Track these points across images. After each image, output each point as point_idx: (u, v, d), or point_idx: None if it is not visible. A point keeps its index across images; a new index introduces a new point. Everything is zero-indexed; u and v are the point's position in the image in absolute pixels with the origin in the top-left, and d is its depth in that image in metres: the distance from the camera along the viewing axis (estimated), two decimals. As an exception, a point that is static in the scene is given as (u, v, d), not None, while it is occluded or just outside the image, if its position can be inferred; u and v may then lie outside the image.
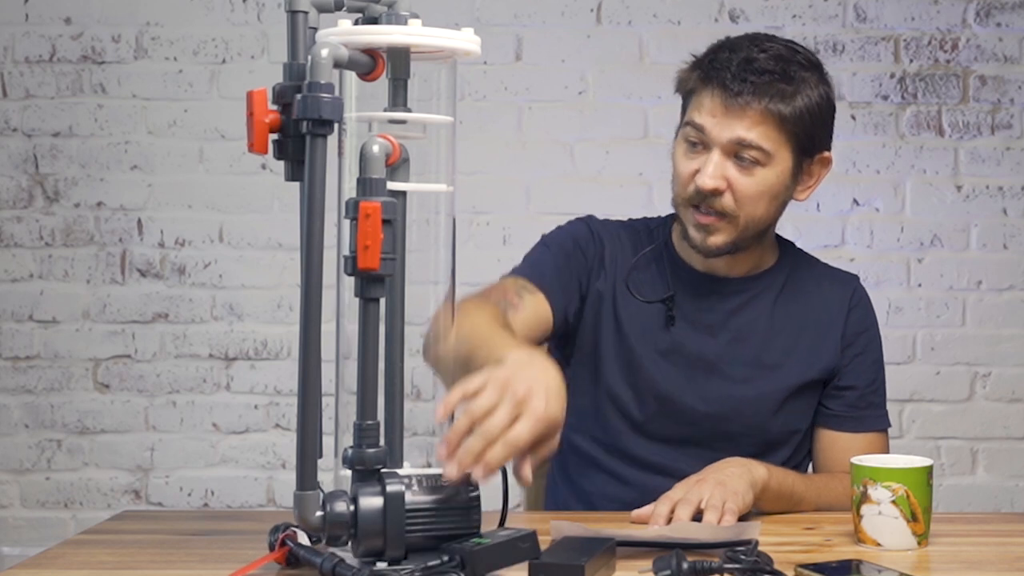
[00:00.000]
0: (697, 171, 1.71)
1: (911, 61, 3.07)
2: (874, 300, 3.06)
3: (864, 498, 1.48)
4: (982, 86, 3.07)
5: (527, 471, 1.31)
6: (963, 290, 3.08)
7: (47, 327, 3.08)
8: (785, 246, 1.91)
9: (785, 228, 2.99)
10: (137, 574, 1.38)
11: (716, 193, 1.70)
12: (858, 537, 1.50)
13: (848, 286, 1.89)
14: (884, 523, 1.47)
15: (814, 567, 1.33)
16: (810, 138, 1.74)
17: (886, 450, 1.84)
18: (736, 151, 1.70)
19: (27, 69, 3.06)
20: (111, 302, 3.08)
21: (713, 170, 1.70)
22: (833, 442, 1.84)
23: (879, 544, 1.47)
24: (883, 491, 1.47)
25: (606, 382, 1.82)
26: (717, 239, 1.74)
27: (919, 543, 1.48)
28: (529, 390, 1.30)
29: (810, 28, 3.06)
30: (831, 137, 1.79)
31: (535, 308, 1.78)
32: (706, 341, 1.81)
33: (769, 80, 1.69)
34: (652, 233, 1.88)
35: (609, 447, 1.83)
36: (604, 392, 1.82)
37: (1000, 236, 3.08)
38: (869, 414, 1.85)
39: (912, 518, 1.47)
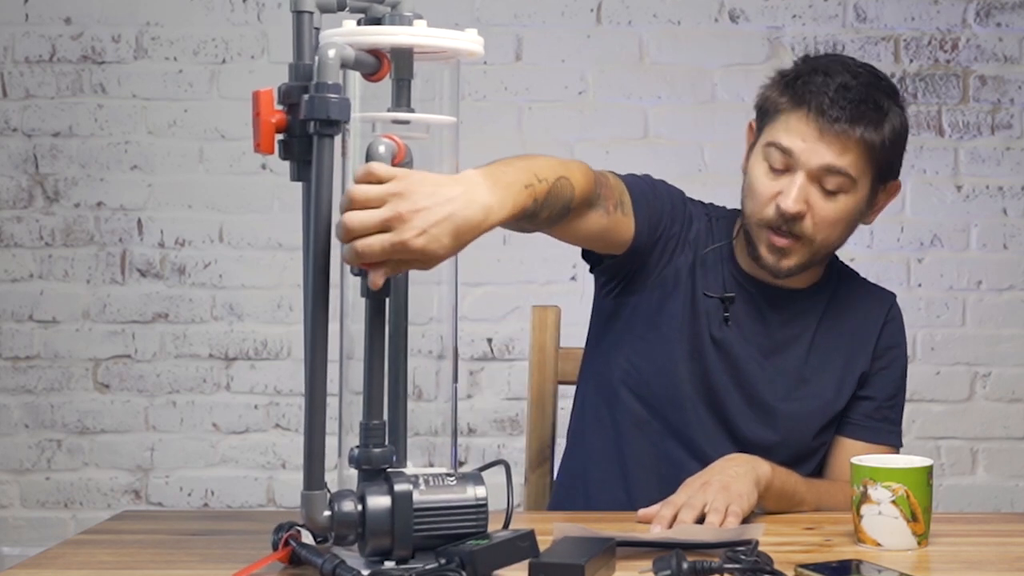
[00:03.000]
0: (778, 193, 1.71)
1: (911, 61, 3.07)
2: (874, 300, 3.07)
3: (864, 498, 1.48)
4: (982, 86, 3.07)
5: (376, 278, 1.25)
6: (963, 290, 3.08)
7: (47, 327, 3.09)
8: (831, 259, 1.90)
9: (785, 228, 3.00)
10: (137, 574, 1.38)
11: (798, 217, 1.70)
12: (858, 537, 1.50)
13: (885, 303, 1.90)
14: (884, 523, 1.47)
15: (814, 567, 1.34)
16: (889, 166, 1.75)
17: None
18: (823, 177, 1.69)
19: (27, 69, 3.06)
20: (111, 302, 3.08)
21: (797, 194, 1.69)
22: (844, 449, 1.83)
23: (879, 544, 1.48)
24: (883, 491, 1.47)
25: (669, 349, 1.80)
26: (790, 261, 1.75)
27: (919, 543, 1.48)
28: (423, 207, 1.24)
29: (810, 28, 3.06)
30: (902, 165, 1.79)
31: (615, 226, 1.73)
32: (750, 348, 1.81)
33: (864, 109, 1.68)
34: (714, 225, 1.86)
35: (654, 412, 1.82)
36: (665, 356, 1.81)
37: (1000, 236, 3.08)
38: (883, 427, 1.85)
39: (912, 518, 1.47)
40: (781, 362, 1.82)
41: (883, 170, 1.74)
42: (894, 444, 1.86)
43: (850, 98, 1.68)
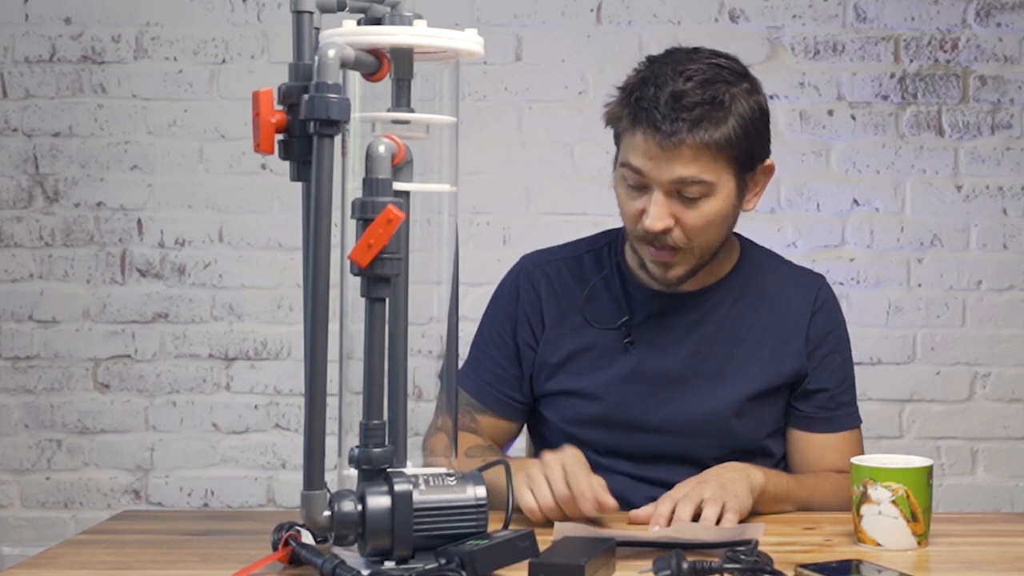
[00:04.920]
0: (643, 211, 1.69)
1: (911, 61, 3.07)
2: (874, 300, 3.08)
3: (864, 498, 1.48)
4: (982, 86, 3.07)
5: None
6: (963, 290, 3.08)
7: (47, 327, 3.08)
8: (745, 247, 1.88)
9: (785, 228, 3.01)
10: (137, 574, 1.38)
11: (665, 232, 1.69)
12: (858, 537, 1.50)
13: (811, 288, 1.86)
14: (884, 523, 1.47)
15: (814, 567, 1.34)
16: (748, 155, 1.71)
17: (860, 446, 1.85)
18: (679, 188, 1.67)
19: (27, 69, 3.06)
20: (111, 302, 3.08)
21: (658, 211, 1.67)
22: (807, 443, 1.83)
23: (879, 544, 1.48)
24: (883, 491, 1.47)
25: (573, 416, 1.83)
26: (677, 271, 1.74)
27: (919, 543, 1.48)
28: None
29: (810, 28, 3.06)
30: (769, 143, 1.76)
31: (492, 426, 1.88)
32: (667, 359, 1.80)
33: (700, 113, 1.64)
34: (599, 255, 1.88)
35: (610, 452, 1.83)
36: (572, 424, 1.83)
37: (1000, 236, 3.08)
38: (841, 413, 1.84)
39: (912, 518, 1.47)
40: (703, 363, 1.80)
41: (744, 160, 1.70)
42: (853, 426, 1.85)
43: (684, 105, 1.64)
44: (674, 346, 1.80)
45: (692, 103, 1.64)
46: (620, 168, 1.72)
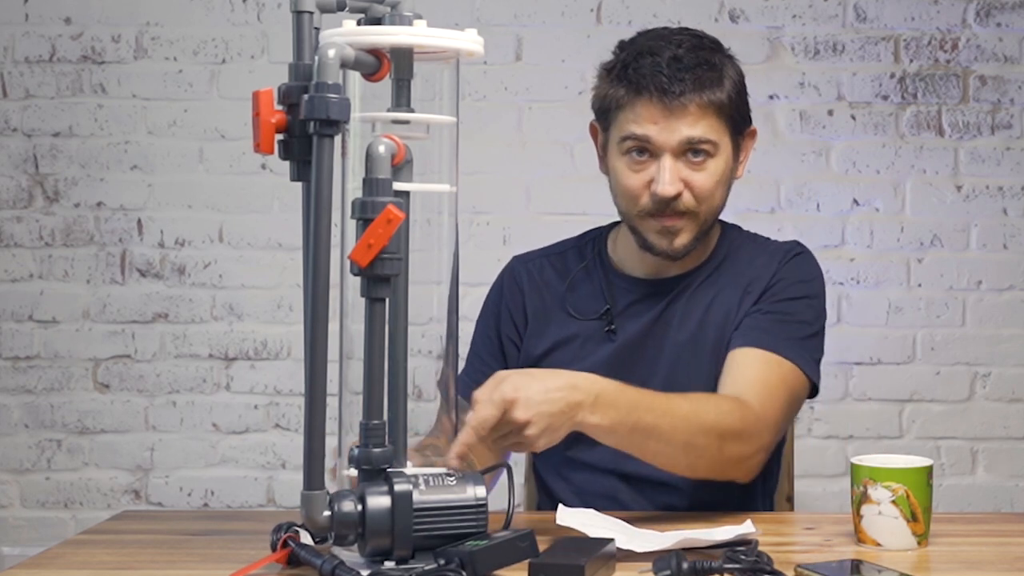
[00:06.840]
0: (649, 182, 1.73)
1: (911, 61, 3.07)
2: (874, 300, 3.08)
3: (864, 498, 1.48)
4: (982, 86, 3.07)
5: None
6: (963, 290, 3.08)
7: (47, 327, 3.08)
8: (726, 230, 1.90)
9: (785, 228, 3.01)
10: (137, 574, 1.38)
11: (676, 198, 1.72)
12: (858, 537, 1.50)
13: (779, 252, 1.85)
14: (884, 523, 1.47)
15: (814, 567, 1.34)
16: (742, 117, 1.78)
17: (780, 382, 1.71)
18: (687, 151, 1.72)
19: (27, 69, 3.06)
20: (111, 302, 3.08)
21: (669, 176, 1.71)
22: (726, 361, 1.75)
23: (879, 544, 1.48)
24: (883, 491, 1.47)
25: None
26: (682, 239, 1.76)
27: (919, 543, 1.48)
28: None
29: (810, 28, 3.06)
30: (750, 110, 1.82)
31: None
32: (647, 345, 1.81)
33: (700, 73, 1.71)
34: (582, 251, 1.91)
35: (564, 458, 1.83)
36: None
37: (1000, 236, 3.08)
38: (758, 327, 1.75)
39: (912, 518, 1.47)
40: (679, 335, 1.80)
41: (737, 122, 1.77)
42: (768, 347, 1.73)
43: (684, 67, 1.71)
44: (654, 331, 1.82)
45: (691, 64, 1.72)
46: (620, 143, 1.75)
